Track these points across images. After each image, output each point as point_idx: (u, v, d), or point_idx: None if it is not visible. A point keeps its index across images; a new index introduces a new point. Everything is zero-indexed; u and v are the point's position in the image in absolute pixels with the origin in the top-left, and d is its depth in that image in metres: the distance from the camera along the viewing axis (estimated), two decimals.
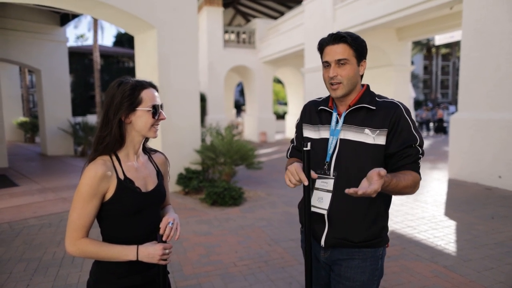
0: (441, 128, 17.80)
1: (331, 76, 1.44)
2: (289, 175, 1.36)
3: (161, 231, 1.34)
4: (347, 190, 1.22)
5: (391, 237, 4.01)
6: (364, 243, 1.46)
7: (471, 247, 3.71)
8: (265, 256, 3.62)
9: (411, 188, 1.40)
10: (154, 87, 1.39)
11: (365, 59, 1.49)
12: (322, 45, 1.48)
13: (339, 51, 1.42)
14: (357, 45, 1.43)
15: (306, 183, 1.32)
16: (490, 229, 4.20)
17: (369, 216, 1.46)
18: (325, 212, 1.47)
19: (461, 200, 5.49)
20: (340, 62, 1.43)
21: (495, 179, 6.22)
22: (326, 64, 1.47)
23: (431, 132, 18.78)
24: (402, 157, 1.42)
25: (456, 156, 6.95)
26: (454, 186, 6.47)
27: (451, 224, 4.44)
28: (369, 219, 1.46)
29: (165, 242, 1.34)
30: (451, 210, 5.05)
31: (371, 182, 1.21)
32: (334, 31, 1.53)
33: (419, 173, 1.44)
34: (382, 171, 1.21)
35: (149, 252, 1.28)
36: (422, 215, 4.83)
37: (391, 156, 1.44)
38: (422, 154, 1.45)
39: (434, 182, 6.84)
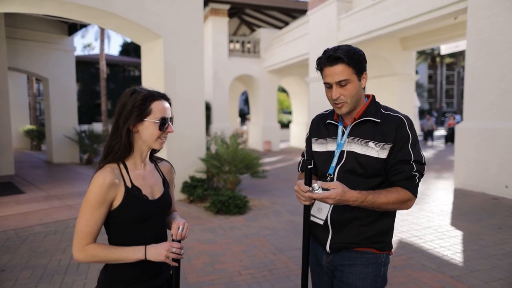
0: (451, 137, 17.62)
1: (334, 98, 1.43)
2: (298, 195, 1.40)
3: (173, 235, 1.35)
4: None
5: (397, 246, 3.98)
6: (364, 245, 1.47)
7: (479, 257, 3.66)
8: (269, 265, 3.60)
9: (396, 205, 1.38)
10: (167, 99, 1.40)
11: (365, 70, 1.46)
12: (320, 66, 1.45)
13: (338, 72, 1.39)
14: (355, 63, 1.39)
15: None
16: (498, 239, 4.16)
17: (367, 222, 1.48)
18: (321, 222, 1.50)
19: (468, 210, 5.44)
20: (341, 84, 1.40)
21: (502, 189, 6.16)
22: (328, 85, 1.45)
23: (434, 142, 18.54)
24: (395, 173, 1.41)
25: (462, 165, 6.90)
26: (460, 195, 6.42)
27: (458, 234, 4.40)
28: (367, 224, 1.48)
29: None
30: (457, 220, 5.01)
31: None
32: (339, 40, 1.56)
33: (412, 191, 1.40)
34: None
35: (156, 249, 1.29)
36: (428, 224, 4.79)
37: (387, 170, 1.44)
38: (419, 171, 1.41)
39: (440, 192, 6.78)
